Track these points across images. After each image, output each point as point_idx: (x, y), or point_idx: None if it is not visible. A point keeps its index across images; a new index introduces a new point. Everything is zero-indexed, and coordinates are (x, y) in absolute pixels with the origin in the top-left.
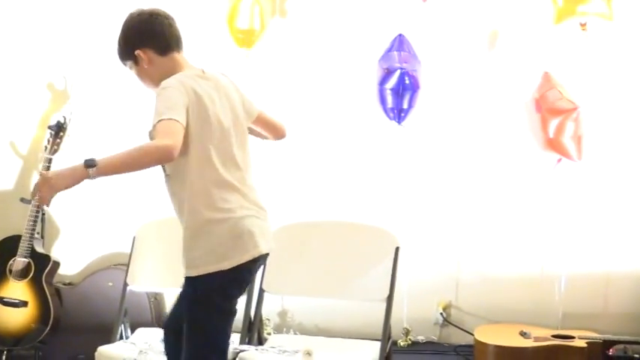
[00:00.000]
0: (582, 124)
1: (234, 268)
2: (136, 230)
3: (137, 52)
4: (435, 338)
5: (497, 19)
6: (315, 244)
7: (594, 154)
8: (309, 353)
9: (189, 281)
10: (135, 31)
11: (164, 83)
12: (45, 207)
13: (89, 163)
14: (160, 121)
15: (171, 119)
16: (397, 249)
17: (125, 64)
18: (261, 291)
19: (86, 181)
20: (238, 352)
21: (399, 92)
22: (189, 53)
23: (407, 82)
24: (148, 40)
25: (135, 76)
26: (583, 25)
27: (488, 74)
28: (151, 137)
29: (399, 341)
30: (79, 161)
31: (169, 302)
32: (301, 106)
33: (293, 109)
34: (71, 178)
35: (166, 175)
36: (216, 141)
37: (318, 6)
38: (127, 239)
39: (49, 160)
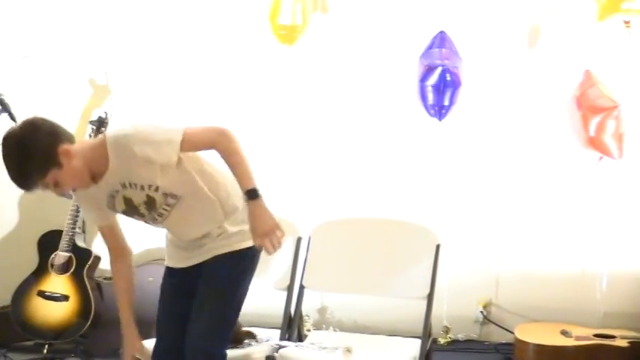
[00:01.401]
0: (623, 122)
1: None
2: None
3: (60, 150)
4: (475, 336)
5: (538, 16)
6: (356, 241)
7: (635, 153)
8: (349, 350)
9: (236, 255)
10: (41, 136)
11: (128, 129)
12: None
13: (255, 194)
14: (185, 133)
15: (186, 128)
16: (438, 246)
17: (40, 184)
18: (301, 287)
19: None
20: (278, 349)
21: (440, 89)
22: (231, 51)
23: (448, 79)
24: (58, 134)
25: (62, 185)
26: (627, 22)
27: (530, 71)
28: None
29: (439, 339)
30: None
31: None
32: (343, 102)
33: (335, 106)
34: (267, 212)
35: (176, 200)
36: None
37: (360, 2)
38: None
39: None
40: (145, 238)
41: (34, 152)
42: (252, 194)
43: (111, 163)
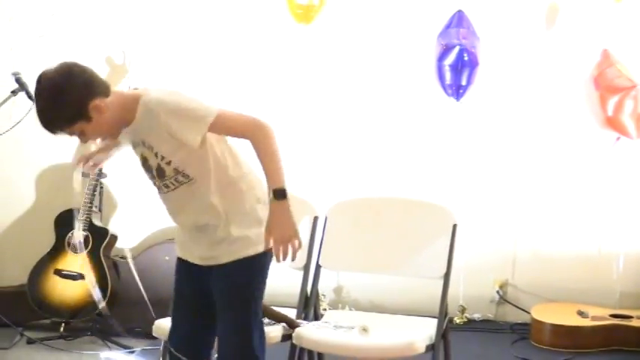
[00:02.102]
0: None
1: None
2: None
3: (92, 105)
4: (491, 316)
5: None
6: (372, 221)
7: None
8: (365, 329)
9: (242, 263)
10: (77, 85)
11: (162, 95)
12: (102, 180)
13: (282, 194)
14: (218, 115)
15: (221, 110)
16: (455, 226)
17: (66, 131)
18: (318, 267)
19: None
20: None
21: (458, 68)
22: (248, 30)
23: (466, 58)
24: (93, 87)
25: (87, 135)
26: None
27: (547, 51)
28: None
29: (455, 319)
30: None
31: None
32: (360, 82)
33: (351, 86)
34: (289, 216)
35: (189, 182)
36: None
37: None
38: None
39: None
40: (160, 218)
41: (65, 102)
42: (279, 194)
43: (135, 121)
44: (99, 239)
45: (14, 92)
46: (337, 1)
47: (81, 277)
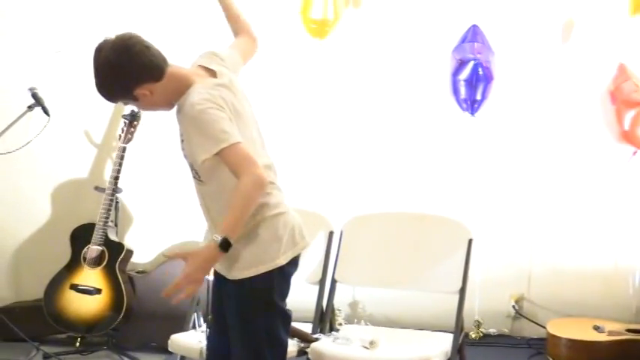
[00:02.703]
0: None
1: (287, 262)
2: None
3: (136, 92)
4: (506, 331)
5: (572, 10)
6: (388, 235)
7: None
8: (373, 343)
9: (245, 282)
10: (126, 72)
11: (196, 105)
12: (118, 195)
13: (225, 246)
14: (224, 148)
15: (236, 143)
16: (470, 241)
17: (117, 102)
18: (334, 281)
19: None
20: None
21: (473, 83)
22: (262, 44)
23: (480, 73)
24: (143, 75)
25: (140, 107)
26: None
27: (563, 65)
28: (199, 164)
29: (470, 333)
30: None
31: None
32: (374, 96)
33: (366, 100)
34: (210, 266)
35: (199, 182)
36: (250, 142)
37: None
38: (199, 228)
39: (124, 149)
40: (175, 232)
41: (111, 84)
42: (223, 243)
43: (178, 104)
44: (115, 254)
45: (30, 107)
46: (351, 15)
47: (97, 291)
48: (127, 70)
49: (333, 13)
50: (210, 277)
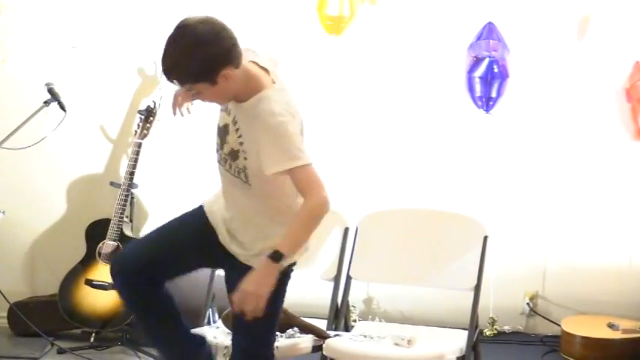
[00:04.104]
0: None
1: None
2: None
3: (221, 74)
4: (521, 328)
5: (587, 7)
6: (403, 232)
7: None
8: (410, 341)
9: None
10: (218, 51)
11: (278, 116)
12: (134, 190)
13: (278, 258)
14: (298, 167)
15: (310, 164)
16: (485, 238)
17: (185, 85)
18: (348, 278)
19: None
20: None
21: (488, 80)
22: (278, 41)
23: (496, 70)
24: (230, 58)
25: (204, 97)
26: None
27: (578, 63)
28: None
29: (485, 331)
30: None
31: None
32: (390, 93)
33: (382, 96)
34: (271, 281)
35: (244, 183)
36: None
37: None
38: None
39: (139, 145)
40: None
41: (201, 59)
42: (277, 257)
43: (244, 105)
44: None
45: (47, 103)
46: (367, 13)
47: (112, 287)
48: (221, 46)
49: (349, 9)
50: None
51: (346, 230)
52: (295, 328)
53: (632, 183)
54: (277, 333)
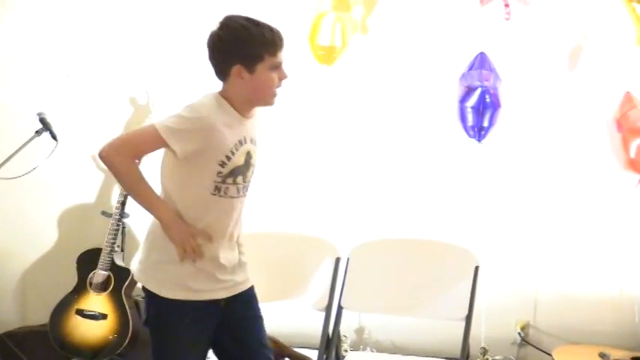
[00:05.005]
0: None
1: None
2: None
3: (233, 70)
4: (512, 358)
5: (578, 38)
6: (394, 262)
7: None
8: None
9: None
10: (226, 48)
11: None
12: (125, 220)
13: None
14: None
15: None
16: (477, 268)
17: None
18: (340, 308)
19: None
20: None
21: (480, 110)
22: None
23: (488, 100)
24: (239, 54)
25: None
26: None
27: (570, 93)
28: None
29: None
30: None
31: None
32: (381, 123)
33: (373, 127)
34: None
35: (245, 194)
36: None
37: (400, 23)
38: None
39: None
40: None
41: (217, 53)
42: None
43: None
44: (121, 279)
45: (38, 132)
46: (359, 42)
47: (102, 317)
48: (228, 44)
49: (340, 40)
50: None
51: (337, 260)
52: (286, 359)
53: (623, 213)
54: None
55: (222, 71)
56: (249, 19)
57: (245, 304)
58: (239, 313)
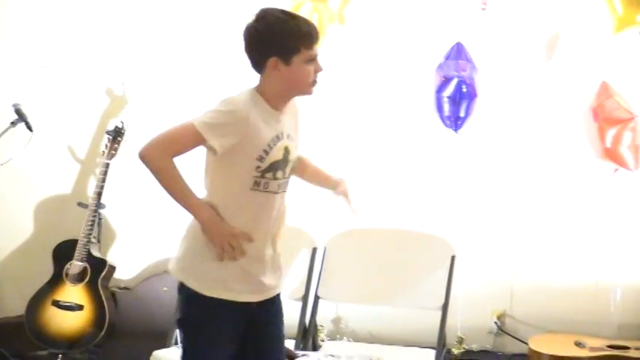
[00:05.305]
0: None
1: None
2: None
3: (269, 62)
4: (489, 347)
5: (555, 28)
6: (371, 252)
7: None
8: None
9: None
10: (260, 40)
11: None
12: (101, 211)
13: None
14: None
15: None
16: (453, 257)
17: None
18: (316, 298)
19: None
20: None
21: (456, 100)
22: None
23: (464, 90)
24: (274, 46)
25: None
26: None
27: (546, 83)
28: None
29: (452, 349)
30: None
31: None
32: (359, 112)
33: (350, 117)
34: None
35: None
36: None
37: (377, 14)
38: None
39: (107, 165)
40: (159, 249)
41: (254, 45)
42: None
43: (291, 108)
44: (97, 270)
45: (13, 123)
46: (336, 33)
47: (79, 307)
48: (261, 37)
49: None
50: None
51: (314, 250)
52: None
53: (598, 202)
54: None
55: (258, 63)
56: (286, 11)
57: (272, 310)
58: (265, 318)
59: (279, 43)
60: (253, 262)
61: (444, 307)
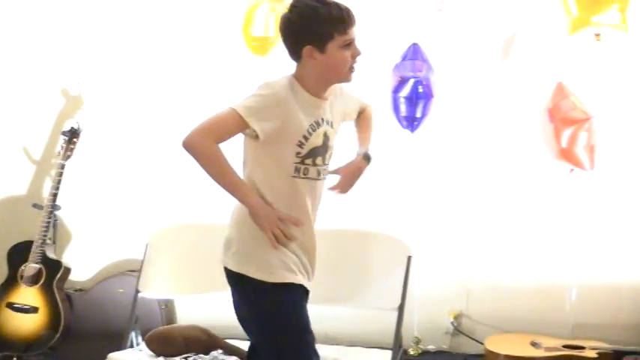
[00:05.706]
0: (595, 134)
1: None
2: (148, 237)
3: (305, 50)
4: (445, 347)
5: (511, 28)
6: (327, 252)
7: (607, 165)
8: None
9: None
10: (295, 29)
11: None
12: (57, 212)
13: (370, 159)
14: None
15: None
16: (409, 258)
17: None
18: None
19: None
20: None
21: (413, 100)
22: (205, 62)
23: (420, 90)
24: (310, 35)
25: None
26: (597, 35)
27: (502, 83)
28: None
29: (409, 350)
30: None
31: (180, 309)
32: None
33: None
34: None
35: (324, 178)
36: None
37: None
38: (138, 246)
39: (62, 166)
40: (114, 250)
41: (288, 35)
42: (369, 158)
43: (332, 95)
44: (52, 272)
45: None
46: None
47: (34, 310)
48: (297, 27)
49: (274, 30)
50: None
51: None
52: (220, 350)
53: (554, 202)
54: (201, 355)
55: (294, 53)
56: None
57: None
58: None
59: (311, 31)
60: (300, 247)
61: (401, 308)
